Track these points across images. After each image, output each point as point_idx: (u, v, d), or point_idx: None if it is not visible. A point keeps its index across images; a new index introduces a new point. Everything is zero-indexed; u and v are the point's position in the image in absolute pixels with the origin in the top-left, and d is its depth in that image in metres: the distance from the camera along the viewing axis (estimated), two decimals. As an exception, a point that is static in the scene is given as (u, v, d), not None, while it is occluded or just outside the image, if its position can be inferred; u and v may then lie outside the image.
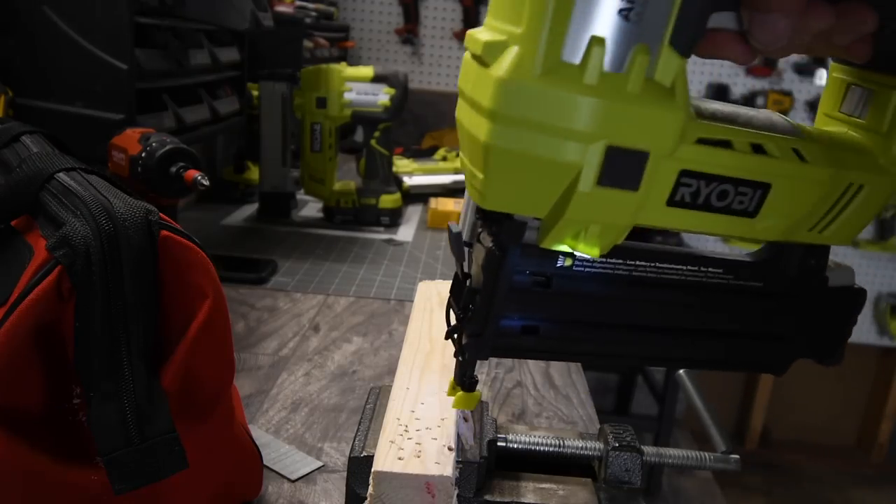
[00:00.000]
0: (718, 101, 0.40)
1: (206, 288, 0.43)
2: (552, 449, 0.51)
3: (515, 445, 0.51)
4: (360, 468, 0.47)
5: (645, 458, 0.50)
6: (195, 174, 0.73)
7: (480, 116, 0.34)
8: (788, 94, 2.73)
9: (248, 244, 1.21)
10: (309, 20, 1.99)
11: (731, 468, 0.51)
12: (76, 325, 0.38)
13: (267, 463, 0.58)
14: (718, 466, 0.51)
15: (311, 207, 1.44)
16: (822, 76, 2.71)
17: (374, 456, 0.46)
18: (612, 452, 0.49)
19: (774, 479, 2.87)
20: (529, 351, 0.43)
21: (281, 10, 1.69)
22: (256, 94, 1.37)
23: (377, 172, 1.36)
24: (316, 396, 0.71)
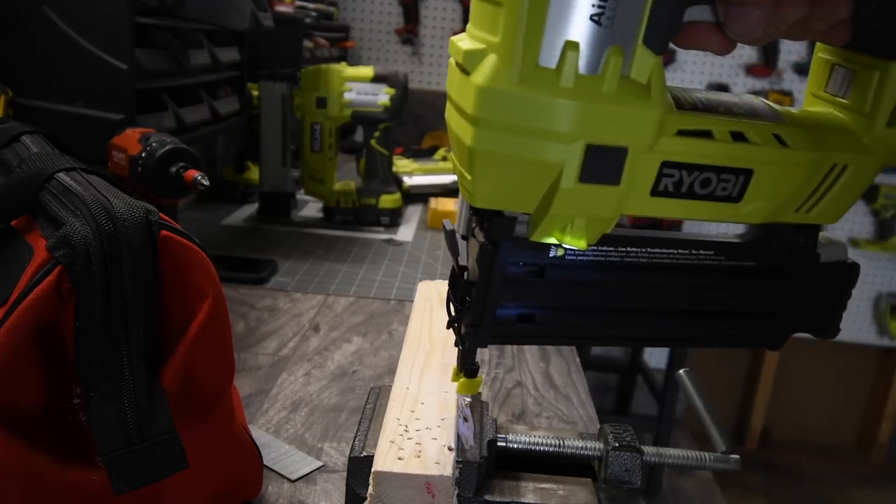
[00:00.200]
0: (701, 89, 0.41)
1: (206, 288, 0.43)
2: (552, 449, 0.51)
3: (515, 445, 0.51)
4: (360, 468, 0.47)
5: (645, 458, 0.50)
6: (195, 174, 0.73)
7: (465, 121, 0.35)
8: (788, 93, 2.73)
9: (248, 244, 1.21)
10: (309, 20, 1.99)
11: (731, 468, 0.51)
12: (76, 325, 0.38)
13: (267, 463, 0.58)
14: (718, 466, 0.51)
15: (311, 207, 1.44)
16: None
17: (374, 456, 0.46)
18: (612, 452, 0.49)
19: (774, 479, 2.87)
20: (527, 337, 0.45)
21: (281, 10, 1.69)
22: (256, 94, 1.37)
23: (377, 172, 1.36)
24: (316, 396, 0.71)
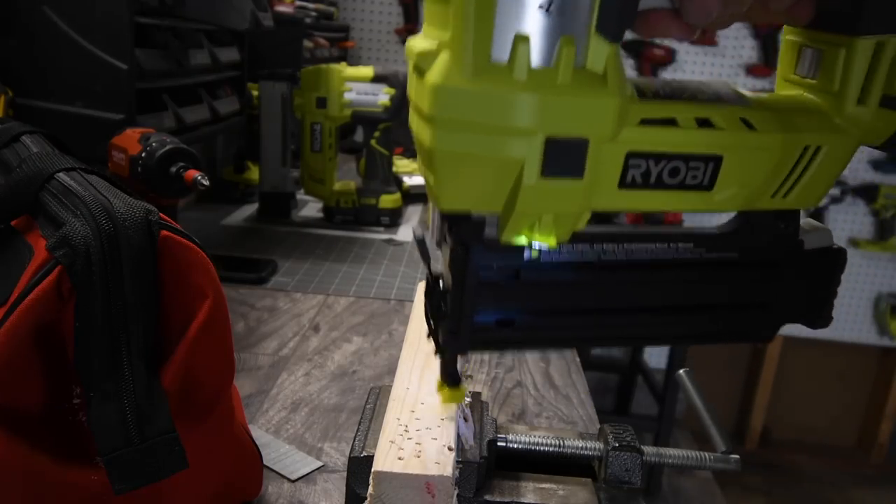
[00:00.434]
0: (662, 78, 0.40)
1: (206, 288, 0.43)
2: (552, 449, 0.51)
3: (515, 445, 0.51)
4: (360, 468, 0.47)
5: (645, 458, 0.50)
6: (195, 174, 0.73)
7: (424, 122, 0.35)
8: (788, 94, 2.73)
9: (248, 244, 1.21)
10: (309, 20, 1.99)
11: (731, 468, 0.51)
12: (76, 325, 0.38)
13: (267, 463, 0.58)
14: (718, 466, 0.51)
15: (311, 207, 1.44)
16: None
17: (374, 456, 0.46)
18: (612, 452, 0.49)
19: (774, 479, 2.87)
20: (508, 342, 0.44)
21: (281, 10, 1.69)
22: (256, 94, 1.37)
23: (377, 172, 1.36)
24: (316, 396, 0.71)
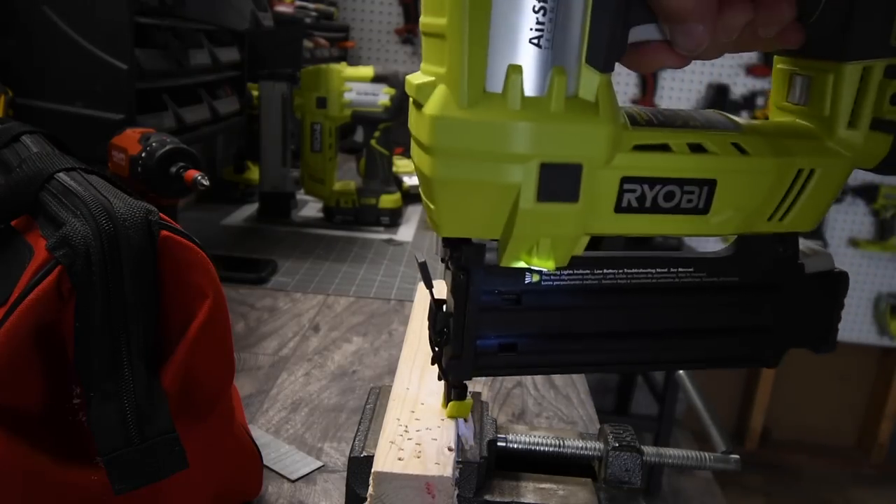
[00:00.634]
0: (656, 107, 0.41)
1: (206, 288, 0.43)
2: (552, 449, 0.51)
3: (515, 445, 0.51)
4: (360, 468, 0.47)
5: (645, 458, 0.50)
6: (195, 174, 0.73)
7: (423, 153, 0.36)
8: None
9: (248, 244, 1.21)
10: (309, 20, 1.99)
11: (731, 468, 0.51)
12: (76, 325, 0.38)
13: (267, 463, 0.58)
14: (718, 466, 0.51)
15: (311, 207, 1.44)
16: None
17: (374, 456, 0.46)
18: (612, 452, 0.49)
19: (774, 479, 2.87)
20: (511, 367, 0.44)
21: (281, 10, 1.69)
22: (256, 94, 1.37)
23: (377, 172, 1.36)
24: (316, 396, 0.71)
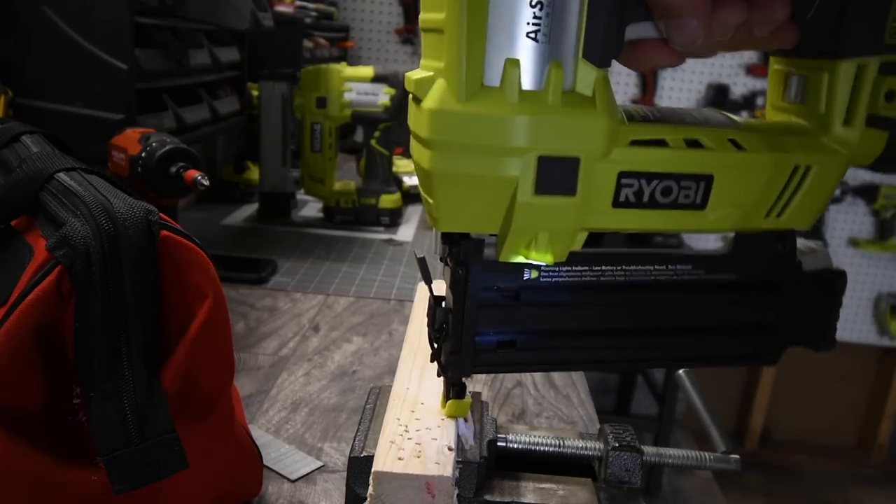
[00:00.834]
0: (653, 106, 0.42)
1: (206, 288, 0.43)
2: (552, 449, 0.51)
3: (515, 445, 0.51)
4: (360, 468, 0.47)
5: (645, 458, 0.50)
6: (195, 174, 0.73)
7: (422, 147, 0.37)
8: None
9: (248, 244, 1.21)
10: (309, 20, 1.99)
11: (731, 468, 0.51)
12: (76, 325, 0.38)
13: (267, 463, 0.58)
14: (718, 466, 0.51)
15: (311, 207, 1.44)
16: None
17: (374, 456, 0.46)
18: (612, 452, 0.49)
19: (774, 479, 2.87)
20: (510, 364, 0.45)
21: (281, 10, 1.69)
22: (256, 94, 1.37)
23: (377, 172, 1.36)
24: (316, 396, 0.71)
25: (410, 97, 0.38)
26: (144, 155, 0.74)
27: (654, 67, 0.39)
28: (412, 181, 1.59)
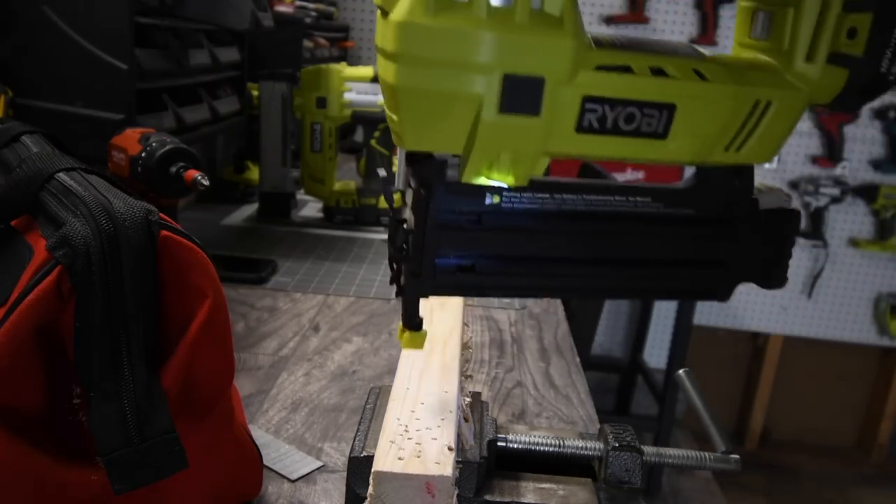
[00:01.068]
0: (623, 35, 0.42)
1: (206, 288, 0.43)
2: (552, 449, 0.51)
3: (515, 445, 0.51)
4: (360, 468, 0.47)
5: (645, 458, 0.50)
6: (195, 174, 0.73)
7: (388, 61, 0.36)
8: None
9: (248, 244, 1.21)
10: (309, 20, 1.99)
11: (731, 468, 0.51)
12: (76, 325, 0.38)
13: (267, 463, 0.58)
14: (718, 466, 0.51)
15: (311, 207, 1.44)
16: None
17: (374, 456, 0.46)
18: (612, 452, 0.49)
19: (774, 479, 2.87)
20: (468, 288, 0.45)
21: (281, 10, 1.69)
22: (256, 94, 1.36)
23: (377, 173, 1.36)
24: (316, 396, 0.71)
25: (378, 13, 0.38)
26: (144, 155, 0.74)
27: None
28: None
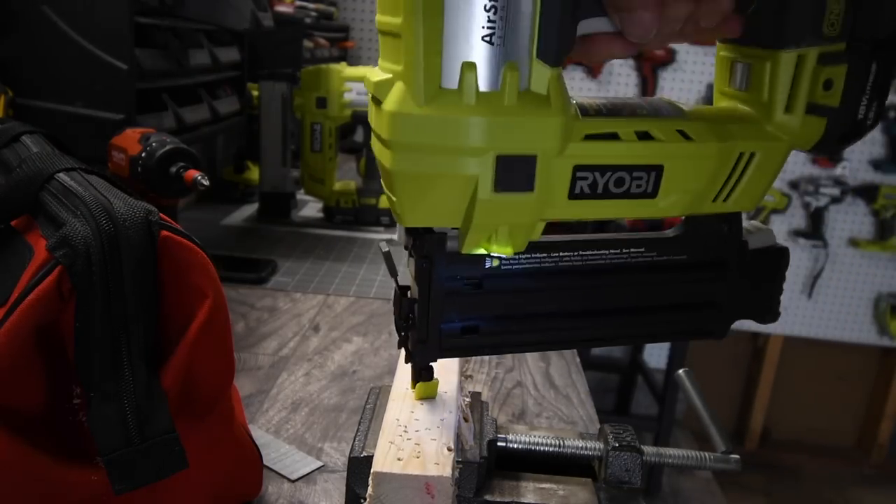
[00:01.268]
0: (605, 97, 0.43)
1: (206, 288, 0.43)
2: (552, 449, 0.51)
3: (515, 445, 0.51)
4: (359, 468, 0.47)
5: (645, 458, 0.50)
6: (195, 174, 0.73)
7: (383, 147, 0.38)
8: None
9: (248, 244, 1.21)
10: (309, 20, 1.99)
11: (731, 468, 0.51)
12: (76, 325, 0.38)
13: (267, 463, 0.58)
14: (718, 466, 0.51)
15: (311, 207, 1.44)
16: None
17: (373, 456, 0.46)
18: (612, 452, 0.49)
19: (774, 479, 2.87)
20: (474, 348, 0.46)
21: (281, 10, 1.69)
22: (256, 94, 1.37)
23: (377, 172, 1.36)
24: (316, 396, 0.71)
25: (370, 97, 0.39)
26: (144, 155, 0.74)
27: (607, 59, 0.41)
28: None
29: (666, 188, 0.41)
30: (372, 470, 0.45)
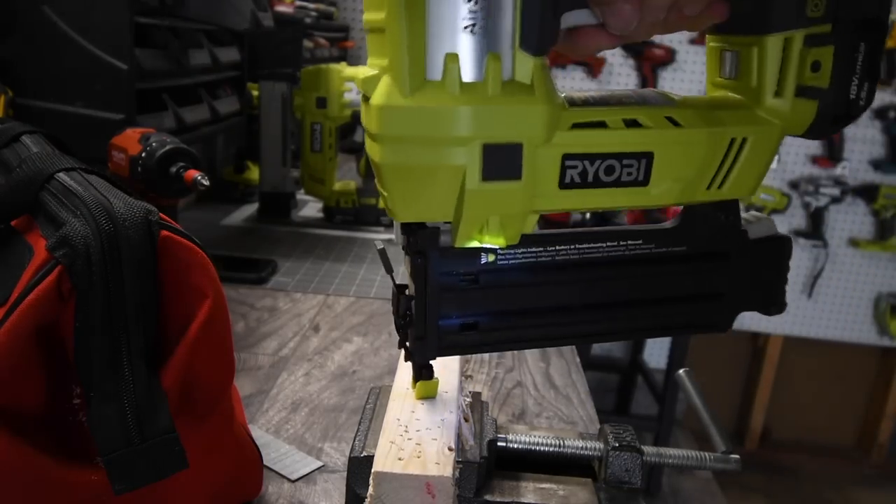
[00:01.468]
0: (594, 89, 0.43)
1: (206, 288, 0.43)
2: (552, 449, 0.51)
3: (515, 445, 0.51)
4: (360, 468, 0.47)
5: (645, 458, 0.50)
6: (195, 174, 0.73)
7: (372, 142, 0.38)
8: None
9: (248, 244, 1.21)
10: (309, 20, 1.99)
11: (731, 468, 0.51)
12: (76, 325, 0.38)
13: (267, 463, 0.58)
14: (718, 466, 0.51)
15: (311, 207, 1.44)
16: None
17: (374, 456, 0.46)
18: (612, 452, 0.49)
19: (774, 479, 2.87)
20: (474, 346, 0.46)
21: (281, 10, 1.69)
22: (256, 94, 1.37)
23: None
24: (316, 396, 0.71)
25: (361, 95, 0.40)
26: (144, 155, 0.74)
27: (593, 52, 0.41)
28: None
29: (657, 176, 0.41)
30: (373, 469, 0.45)
